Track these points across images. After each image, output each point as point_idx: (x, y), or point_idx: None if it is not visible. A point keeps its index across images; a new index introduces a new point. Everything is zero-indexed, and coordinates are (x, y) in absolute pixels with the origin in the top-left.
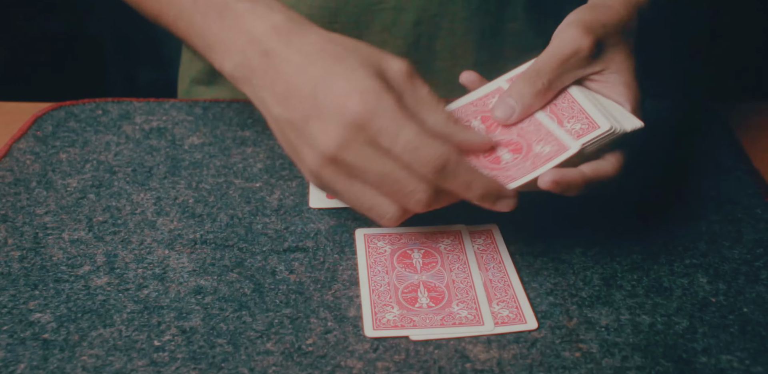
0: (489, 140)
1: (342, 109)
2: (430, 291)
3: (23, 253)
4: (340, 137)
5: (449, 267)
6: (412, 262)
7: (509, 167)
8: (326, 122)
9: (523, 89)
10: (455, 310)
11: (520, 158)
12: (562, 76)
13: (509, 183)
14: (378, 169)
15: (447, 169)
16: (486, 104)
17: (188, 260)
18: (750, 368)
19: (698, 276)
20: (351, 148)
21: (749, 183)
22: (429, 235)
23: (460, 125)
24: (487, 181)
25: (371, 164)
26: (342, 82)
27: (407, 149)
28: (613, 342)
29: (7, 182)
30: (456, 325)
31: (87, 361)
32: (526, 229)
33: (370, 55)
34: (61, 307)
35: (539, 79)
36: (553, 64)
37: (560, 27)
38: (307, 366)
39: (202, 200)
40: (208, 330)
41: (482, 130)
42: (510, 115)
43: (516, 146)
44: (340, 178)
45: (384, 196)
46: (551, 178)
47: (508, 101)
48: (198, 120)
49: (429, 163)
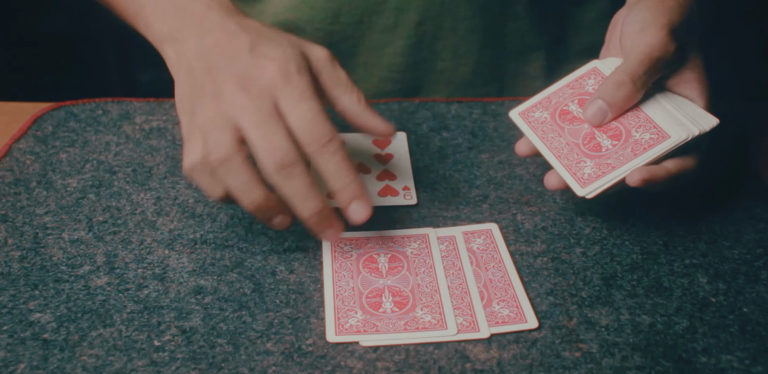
0: (392, 129)
1: (262, 71)
2: (395, 295)
3: (23, 253)
4: (245, 96)
5: (415, 272)
6: (378, 267)
7: (609, 155)
8: (239, 80)
9: (614, 92)
10: (419, 315)
11: (619, 145)
12: (651, 79)
13: (610, 171)
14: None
15: (330, 149)
16: (582, 86)
17: (188, 260)
18: (750, 368)
19: (698, 276)
20: (250, 105)
21: (749, 183)
22: (396, 239)
23: (371, 109)
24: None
25: (263, 126)
26: (269, 49)
27: (304, 119)
28: (613, 342)
29: (7, 182)
30: (419, 330)
31: (87, 361)
32: (526, 229)
33: (297, 40)
34: (61, 307)
35: (631, 83)
36: (644, 68)
37: (636, 25)
38: (307, 366)
39: (202, 200)
40: (208, 330)
41: (581, 114)
42: (602, 118)
43: (615, 132)
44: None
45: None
46: (640, 176)
47: (599, 104)
48: None
49: (317, 138)
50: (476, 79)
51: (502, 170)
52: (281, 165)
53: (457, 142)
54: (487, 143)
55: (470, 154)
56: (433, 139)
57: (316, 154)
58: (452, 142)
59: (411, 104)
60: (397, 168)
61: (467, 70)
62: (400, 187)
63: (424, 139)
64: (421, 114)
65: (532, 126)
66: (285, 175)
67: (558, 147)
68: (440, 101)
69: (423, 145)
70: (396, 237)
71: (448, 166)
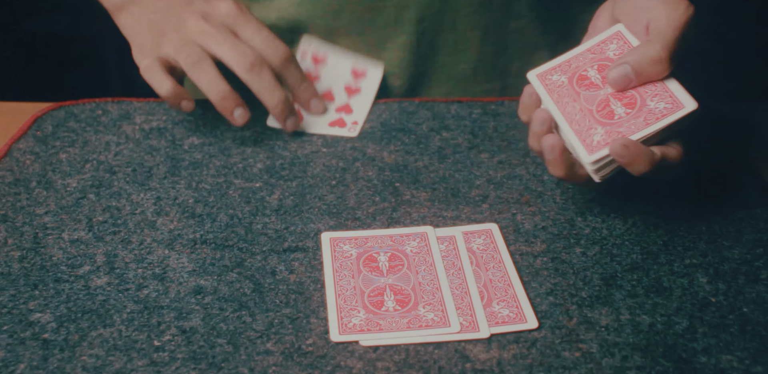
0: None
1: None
2: (397, 294)
3: (23, 253)
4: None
5: (415, 270)
6: (378, 266)
7: (621, 123)
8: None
9: (642, 58)
10: (421, 313)
11: (632, 113)
12: (681, 48)
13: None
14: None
15: (293, 63)
16: (604, 51)
17: (188, 260)
18: (750, 368)
19: (698, 276)
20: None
21: (749, 183)
22: (396, 238)
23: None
24: (314, 87)
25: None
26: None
27: (267, 41)
28: (613, 342)
29: (7, 182)
30: (422, 328)
31: (87, 361)
32: (526, 229)
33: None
34: (61, 307)
35: (668, 60)
36: (674, 34)
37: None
38: (307, 366)
39: (202, 200)
40: (208, 330)
41: (599, 80)
42: (626, 84)
43: (630, 100)
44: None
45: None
46: (622, 142)
47: (625, 69)
48: (198, 120)
49: (281, 56)
50: (478, 75)
51: (502, 170)
52: (252, 64)
53: (456, 142)
54: (487, 143)
55: (470, 153)
56: (433, 138)
57: (281, 67)
58: (452, 141)
59: (411, 104)
60: (359, 102)
61: (468, 67)
62: (350, 121)
63: (424, 139)
64: (421, 114)
65: (549, 88)
66: (256, 73)
67: (571, 112)
68: (440, 101)
69: (423, 145)
70: (395, 235)
71: (448, 166)
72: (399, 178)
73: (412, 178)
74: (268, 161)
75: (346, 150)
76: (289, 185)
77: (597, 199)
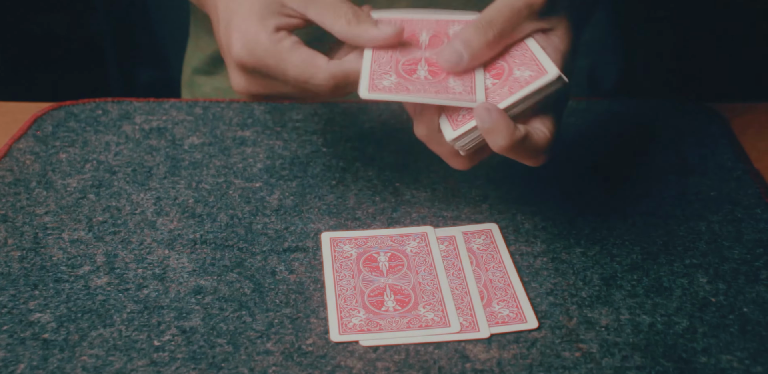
0: (397, 31)
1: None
2: (397, 294)
3: (23, 253)
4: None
5: (415, 270)
6: (378, 266)
7: (487, 94)
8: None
9: (472, 37)
10: (421, 313)
11: (498, 83)
12: (514, 28)
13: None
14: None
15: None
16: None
17: (188, 260)
18: (750, 368)
19: (698, 276)
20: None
21: (749, 183)
22: (395, 238)
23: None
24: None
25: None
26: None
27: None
28: (613, 342)
29: (7, 182)
30: (422, 328)
31: (87, 361)
32: (526, 229)
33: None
34: (61, 307)
35: (490, 29)
36: (506, 15)
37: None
38: (307, 366)
39: (202, 200)
40: (208, 330)
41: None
42: (457, 62)
43: (498, 70)
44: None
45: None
46: (485, 106)
47: (456, 46)
48: (198, 120)
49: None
50: None
51: (502, 170)
52: None
53: None
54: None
55: None
56: None
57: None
58: None
59: None
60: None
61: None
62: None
63: None
64: None
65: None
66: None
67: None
68: None
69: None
70: (395, 235)
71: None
72: (399, 178)
73: (412, 178)
74: (268, 161)
75: (346, 150)
76: (289, 185)
77: (597, 199)
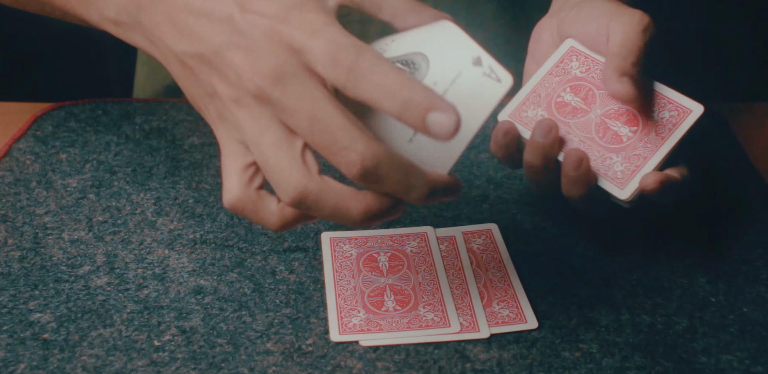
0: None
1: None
2: (397, 294)
3: (23, 253)
4: (270, 66)
5: (415, 270)
6: (378, 265)
7: (634, 144)
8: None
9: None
10: (422, 313)
11: (640, 130)
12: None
13: (643, 164)
14: (310, 110)
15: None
16: (567, 71)
17: (188, 260)
18: (750, 368)
19: (698, 276)
20: (283, 79)
21: (749, 183)
22: (395, 238)
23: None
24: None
25: (304, 103)
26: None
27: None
28: (613, 342)
29: (7, 182)
30: (422, 328)
31: (87, 361)
32: (526, 229)
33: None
34: (61, 307)
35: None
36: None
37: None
38: (307, 366)
39: (202, 200)
40: (208, 330)
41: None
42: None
43: (628, 116)
44: (261, 120)
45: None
46: (656, 178)
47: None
48: (198, 120)
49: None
50: None
51: (502, 170)
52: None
53: None
54: (487, 143)
55: (470, 154)
56: None
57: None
58: None
59: None
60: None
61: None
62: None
63: None
64: None
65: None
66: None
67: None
68: None
69: None
70: (395, 235)
71: None
72: None
73: None
74: None
75: None
76: None
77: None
